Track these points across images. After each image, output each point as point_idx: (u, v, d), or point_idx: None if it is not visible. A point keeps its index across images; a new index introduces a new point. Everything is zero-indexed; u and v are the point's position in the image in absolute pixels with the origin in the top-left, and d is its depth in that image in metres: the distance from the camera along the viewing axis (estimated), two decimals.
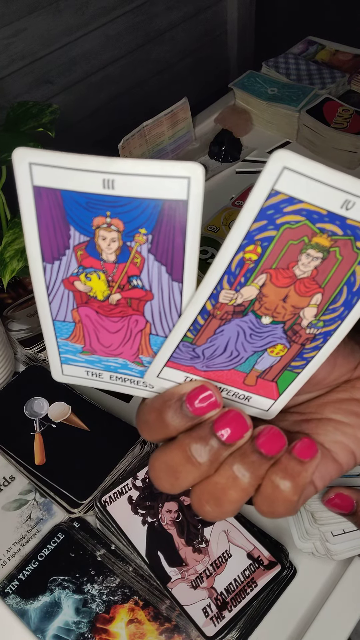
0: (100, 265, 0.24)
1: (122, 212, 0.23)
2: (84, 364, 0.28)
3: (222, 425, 0.26)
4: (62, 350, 0.28)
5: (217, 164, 0.94)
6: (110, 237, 0.23)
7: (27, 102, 0.67)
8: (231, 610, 0.46)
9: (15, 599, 0.48)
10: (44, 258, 0.24)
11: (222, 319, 0.25)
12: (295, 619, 0.48)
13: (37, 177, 0.22)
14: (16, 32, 0.93)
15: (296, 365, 0.26)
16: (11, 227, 0.57)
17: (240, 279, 0.23)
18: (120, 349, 0.27)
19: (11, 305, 0.68)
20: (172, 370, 0.27)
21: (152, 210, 0.22)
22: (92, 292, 0.25)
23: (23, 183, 0.22)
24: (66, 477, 0.54)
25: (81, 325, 0.27)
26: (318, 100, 0.94)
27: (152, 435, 0.28)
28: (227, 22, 1.31)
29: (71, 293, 0.25)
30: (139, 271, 0.24)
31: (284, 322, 0.25)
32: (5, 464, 0.57)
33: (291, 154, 0.20)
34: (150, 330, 0.26)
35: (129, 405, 0.63)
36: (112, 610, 0.48)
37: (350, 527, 0.47)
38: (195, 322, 0.25)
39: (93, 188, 0.22)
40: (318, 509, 0.46)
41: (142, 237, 0.23)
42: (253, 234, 0.22)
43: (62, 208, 0.23)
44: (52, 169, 0.22)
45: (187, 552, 0.49)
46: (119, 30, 1.09)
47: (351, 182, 0.21)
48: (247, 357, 0.26)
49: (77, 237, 0.24)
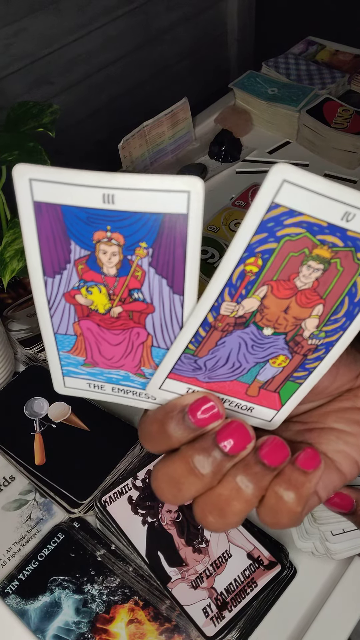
0: (101, 278, 0.24)
1: (123, 226, 0.23)
2: (86, 377, 0.29)
3: (224, 437, 0.26)
4: (64, 363, 0.28)
5: (217, 164, 0.94)
6: (110, 251, 0.23)
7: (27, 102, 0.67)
8: (231, 610, 0.46)
9: (15, 599, 0.48)
10: (45, 272, 0.24)
11: (224, 330, 0.25)
12: (295, 619, 0.48)
13: (37, 192, 0.22)
14: (16, 32, 0.93)
15: (298, 376, 0.26)
16: (11, 227, 0.57)
17: (242, 291, 0.23)
18: (122, 361, 0.27)
19: (11, 305, 0.68)
20: (174, 382, 0.27)
21: (152, 224, 0.22)
22: (93, 305, 0.25)
23: (23, 198, 0.22)
24: (66, 477, 0.54)
25: (83, 338, 0.27)
26: (318, 100, 0.94)
27: (154, 447, 0.28)
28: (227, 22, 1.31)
29: (72, 306, 0.26)
30: (140, 284, 0.24)
31: (285, 333, 0.25)
32: (5, 464, 0.57)
33: (290, 167, 0.20)
34: (152, 343, 0.26)
35: (129, 406, 0.63)
36: (112, 611, 0.48)
37: (349, 526, 0.47)
38: (196, 334, 0.25)
39: (93, 203, 0.22)
40: (318, 509, 0.46)
41: (142, 251, 0.23)
42: (254, 246, 0.22)
43: (62, 223, 0.23)
44: (52, 185, 0.22)
45: (187, 552, 0.49)
46: (119, 30, 1.09)
47: (351, 194, 0.21)
48: (249, 368, 0.26)
49: (77, 252, 0.24)
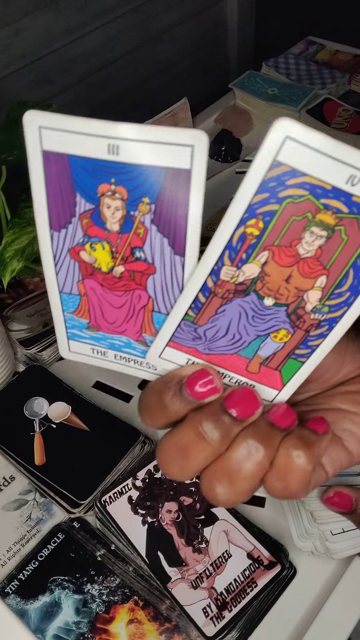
0: (105, 235, 0.24)
1: (126, 179, 0.22)
2: (90, 341, 0.28)
3: (232, 403, 0.25)
4: (69, 325, 0.28)
5: (217, 164, 0.94)
6: (114, 205, 0.23)
7: (27, 102, 0.67)
8: (231, 610, 0.46)
9: (15, 599, 0.48)
10: (52, 225, 0.24)
11: (224, 297, 0.24)
12: (295, 619, 0.48)
13: (46, 141, 0.22)
14: (16, 32, 0.93)
15: (301, 354, 0.26)
16: (11, 227, 0.57)
17: (242, 255, 0.23)
18: (124, 325, 0.27)
19: (11, 305, 0.68)
20: (174, 351, 0.27)
21: (155, 178, 0.22)
22: (96, 263, 0.25)
23: (33, 147, 0.22)
24: (66, 477, 0.54)
25: (86, 299, 0.27)
26: (318, 100, 0.94)
27: (152, 420, 0.27)
28: (227, 22, 1.31)
29: (77, 264, 0.25)
30: (142, 243, 0.24)
31: (287, 305, 0.24)
32: (5, 464, 0.57)
33: (293, 123, 0.19)
34: (152, 307, 0.26)
35: (129, 405, 0.63)
36: (112, 610, 0.48)
37: (349, 525, 0.47)
38: (196, 300, 0.24)
39: (98, 153, 0.22)
40: (317, 508, 0.46)
41: (145, 207, 0.23)
42: (255, 207, 0.21)
43: (69, 174, 0.23)
44: (60, 133, 0.22)
45: (187, 552, 0.49)
46: (119, 30, 1.09)
47: (357, 156, 0.20)
48: (250, 341, 0.26)
49: (82, 205, 0.23)
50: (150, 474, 0.54)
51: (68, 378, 0.63)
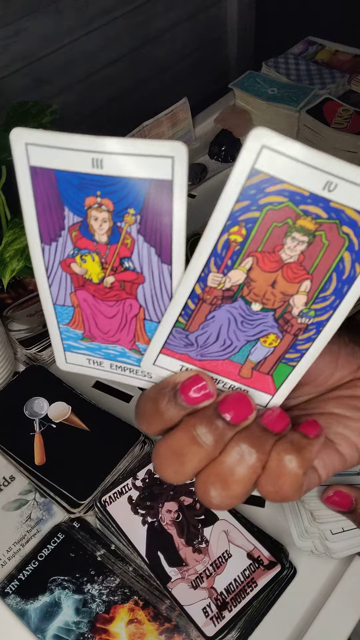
0: (94, 246, 0.25)
1: (111, 191, 0.23)
2: (85, 352, 0.29)
3: (226, 407, 0.26)
4: (65, 337, 0.29)
5: (217, 164, 0.94)
6: (101, 217, 0.24)
7: (27, 102, 0.67)
8: (231, 610, 0.46)
9: (15, 599, 0.48)
10: (42, 239, 0.25)
11: (212, 303, 0.25)
12: (295, 619, 0.48)
13: (33, 157, 0.23)
14: (16, 32, 0.93)
15: (291, 358, 0.26)
16: (11, 227, 0.57)
17: (227, 261, 0.23)
18: (118, 335, 0.28)
19: (11, 305, 0.68)
20: (167, 358, 0.27)
21: (138, 189, 0.23)
22: (87, 274, 0.26)
23: (20, 163, 0.23)
24: (66, 477, 0.54)
25: (80, 310, 0.27)
26: (318, 100, 0.94)
27: (149, 426, 0.28)
28: (227, 22, 1.31)
29: (69, 276, 0.26)
30: (130, 253, 0.25)
31: (274, 310, 0.25)
32: (5, 464, 0.57)
33: (269, 132, 0.20)
34: (144, 316, 0.26)
35: (129, 405, 0.63)
36: (112, 610, 0.48)
37: (349, 525, 0.47)
38: (186, 307, 0.25)
39: (83, 167, 0.23)
40: (317, 507, 0.46)
41: (131, 218, 0.24)
42: (236, 214, 0.22)
43: (56, 188, 0.23)
44: (46, 149, 0.22)
45: (187, 552, 0.49)
46: (119, 30, 1.09)
47: (332, 162, 0.20)
48: (241, 346, 0.26)
49: (71, 218, 0.24)
50: (150, 474, 0.54)
51: (68, 378, 0.63)
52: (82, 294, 0.27)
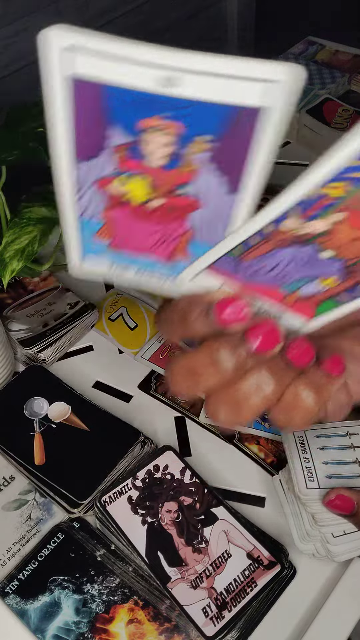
0: (144, 169, 0.22)
1: (183, 115, 0.20)
2: (108, 258, 0.27)
3: (255, 335, 0.25)
4: (86, 244, 0.26)
5: None
6: (162, 141, 0.21)
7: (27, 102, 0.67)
8: (231, 610, 0.46)
9: (15, 599, 0.48)
10: (78, 155, 0.22)
11: (279, 244, 0.23)
12: (295, 619, 0.48)
13: (76, 65, 0.19)
14: (16, 32, 0.93)
15: (341, 300, 0.25)
16: (11, 227, 0.57)
17: (315, 212, 0.22)
18: (154, 249, 0.26)
19: (11, 305, 0.68)
20: (210, 276, 0.26)
21: (221, 116, 0.20)
22: (127, 196, 0.23)
23: (56, 71, 0.19)
24: (66, 477, 0.54)
25: (111, 224, 0.25)
26: (318, 100, 0.94)
27: (170, 334, 0.27)
28: (227, 22, 1.31)
29: (103, 194, 0.24)
30: (189, 180, 0.22)
31: (344, 260, 0.23)
32: (5, 464, 0.57)
33: None
34: (191, 237, 0.25)
35: (129, 405, 0.63)
36: (112, 610, 0.48)
37: (350, 528, 0.47)
38: (248, 240, 0.23)
39: (146, 85, 0.19)
40: (318, 511, 0.46)
41: (201, 145, 0.21)
42: (348, 171, 0.20)
43: (102, 104, 0.20)
44: (96, 58, 0.19)
45: (187, 552, 0.49)
46: (119, 30, 1.09)
47: None
48: (295, 280, 0.25)
49: (118, 138, 0.21)
50: (150, 474, 0.54)
51: (68, 378, 0.63)
52: (117, 212, 0.24)
